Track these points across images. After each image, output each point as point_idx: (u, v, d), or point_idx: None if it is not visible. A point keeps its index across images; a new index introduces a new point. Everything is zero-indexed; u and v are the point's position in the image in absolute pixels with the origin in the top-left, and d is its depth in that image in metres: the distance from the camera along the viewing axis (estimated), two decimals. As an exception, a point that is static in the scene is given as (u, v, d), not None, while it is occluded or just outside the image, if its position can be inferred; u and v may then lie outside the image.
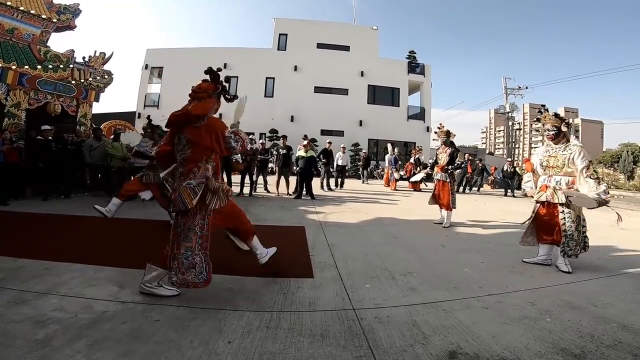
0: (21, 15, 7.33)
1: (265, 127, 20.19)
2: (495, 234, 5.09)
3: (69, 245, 3.61)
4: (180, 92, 16.67)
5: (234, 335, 1.98)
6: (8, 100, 6.44)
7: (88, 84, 7.93)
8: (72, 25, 8.26)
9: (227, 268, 3.01)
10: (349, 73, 22.04)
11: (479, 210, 7.61)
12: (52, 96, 7.16)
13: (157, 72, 22.14)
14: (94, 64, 8.31)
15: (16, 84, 6.57)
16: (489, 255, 3.90)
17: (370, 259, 3.56)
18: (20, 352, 1.69)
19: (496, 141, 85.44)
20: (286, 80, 21.63)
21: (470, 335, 2.08)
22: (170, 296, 2.44)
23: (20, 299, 2.27)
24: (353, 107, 21.48)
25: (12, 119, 6.43)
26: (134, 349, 1.78)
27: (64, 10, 8.02)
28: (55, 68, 7.32)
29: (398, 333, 2.08)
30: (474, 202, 9.40)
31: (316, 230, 4.76)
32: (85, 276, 2.74)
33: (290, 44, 22.24)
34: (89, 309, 2.19)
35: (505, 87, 27.14)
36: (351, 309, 2.40)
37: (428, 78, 23.35)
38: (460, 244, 4.40)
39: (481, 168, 12.62)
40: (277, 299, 2.51)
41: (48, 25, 7.80)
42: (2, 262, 2.90)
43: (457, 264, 3.50)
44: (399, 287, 2.83)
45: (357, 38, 22.79)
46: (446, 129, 5.77)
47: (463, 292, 2.76)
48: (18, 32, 7.29)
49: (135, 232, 4.36)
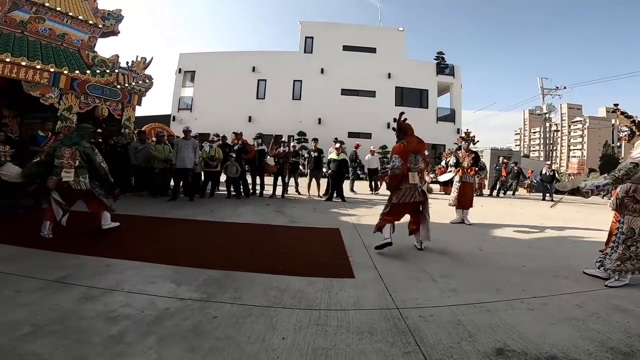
0: (70, 20, 7.64)
1: (293, 130, 20.45)
2: (536, 239, 4.97)
3: (123, 243, 3.85)
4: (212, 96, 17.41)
5: (286, 331, 2.07)
6: (61, 104, 6.83)
7: (131, 88, 8.35)
8: (116, 30, 8.60)
9: (272, 269, 3.14)
10: (375, 75, 21.97)
11: (516, 215, 7.40)
12: (99, 100, 7.55)
13: (190, 76, 22.97)
14: (136, 68, 8.73)
15: (68, 88, 6.91)
16: (531, 259, 3.83)
17: (408, 260, 3.61)
18: (98, 349, 1.76)
19: (531, 143, 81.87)
20: (313, 83, 21.85)
21: (517, 334, 2.10)
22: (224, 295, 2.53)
23: (89, 295, 2.40)
24: (380, 109, 21.32)
25: (65, 122, 6.82)
26: (198, 345, 1.87)
27: (108, 15, 8.34)
28: (103, 73, 7.73)
29: (443, 331, 2.13)
30: (510, 206, 9.12)
31: (351, 232, 4.81)
32: (144, 273, 2.91)
33: (317, 47, 22.47)
34: (152, 306, 2.30)
35: (542, 87, 26.02)
36: (395, 308, 2.46)
37: (458, 79, 22.85)
38: (499, 247, 4.35)
39: (517, 171, 12.16)
40: (323, 297, 2.60)
41: (94, 31, 8.14)
42: (65, 259, 3.12)
43: (496, 267, 3.48)
44: (439, 288, 2.86)
45: (383, 40, 22.69)
46: (472, 135, 6.27)
47: (505, 294, 2.76)
48: (68, 37, 7.62)
49: (181, 231, 4.55)
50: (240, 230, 4.82)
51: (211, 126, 16.95)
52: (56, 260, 3.06)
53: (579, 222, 6.76)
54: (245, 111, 21.36)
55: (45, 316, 2.05)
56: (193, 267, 3.05)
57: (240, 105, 21.31)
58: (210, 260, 3.27)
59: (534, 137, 79.05)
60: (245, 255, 3.54)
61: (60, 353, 1.69)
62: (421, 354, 1.88)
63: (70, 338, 1.83)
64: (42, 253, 3.26)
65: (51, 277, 2.65)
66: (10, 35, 6.47)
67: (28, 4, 6.80)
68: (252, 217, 5.68)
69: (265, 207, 6.71)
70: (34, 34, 6.92)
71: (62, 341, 1.79)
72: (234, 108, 21.07)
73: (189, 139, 7.16)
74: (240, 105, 21.33)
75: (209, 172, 7.72)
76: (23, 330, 1.87)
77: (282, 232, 4.81)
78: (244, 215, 5.74)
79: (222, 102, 21.18)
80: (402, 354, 1.88)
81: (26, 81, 6.27)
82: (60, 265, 2.93)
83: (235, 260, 3.37)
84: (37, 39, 6.93)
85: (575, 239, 5.09)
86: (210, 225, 4.70)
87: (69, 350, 1.72)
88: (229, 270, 3.03)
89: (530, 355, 1.87)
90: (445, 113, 22.71)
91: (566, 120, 73.32)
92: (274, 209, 6.61)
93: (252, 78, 22.11)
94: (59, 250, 3.35)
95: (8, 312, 2.07)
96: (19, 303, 2.20)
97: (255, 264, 3.23)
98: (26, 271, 2.75)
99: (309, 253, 3.80)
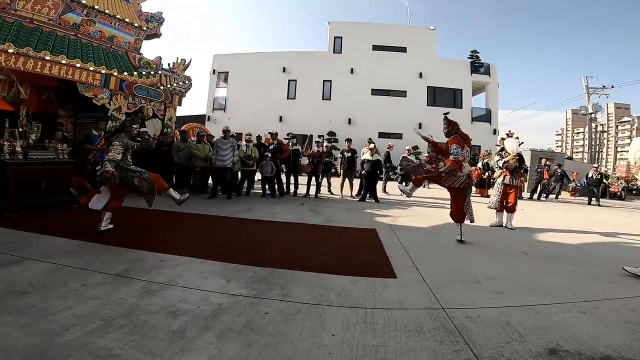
0: (118, 23, 7.98)
1: (323, 130, 20.52)
2: (584, 244, 4.78)
3: (173, 238, 4.07)
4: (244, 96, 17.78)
5: (335, 329, 2.12)
6: (111, 105, 7.24)
7: (173, 89, 8.73)
8: (158, 33, 8.89)
9: (314, 267, 3.22)
10: (406, 75, 21.58)
11: (560, 219, 7.09)
12: (145, 101, 7.96)
13: (224, 77, 23.64)
14: (177, 70, 9.11)
15: (117, 89, 7.30)
16: (580, 264, 3.73)
17: (450, 262, 3.58)
18: (164, 344, 1.83)
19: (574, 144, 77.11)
20: (343, 83, 21.82)
21: (570, 335, 2.09)
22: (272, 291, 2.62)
23: (150, 290, 2.52)
24: (412, 109, 20.95)
25: (115, 121, 7.21)
26: (253, 340, 1.93)
27: (151, 18, 8.66)
28: (148, 74, 8.12)
29: (492, 331, 2.13)
30: (553, 210, 8.71)
31: (388, 233, 4.81)
32: (196, 269, 3.05)
33: (346, 47, 22.39)
34: (207, 301, 2.40)
35: (587, 87, 24.49)
36: (440, 308, 2.47)
37: (494, 78, 21.98)
38: (544, 251, 4.23)
39: (560, 174, 11.53)
40: (367, 296, 2.64)
41: (140, 33, 8.48)
42: (123, 254, 3.32)
43: (543, 271, 3.41)
44: (484, 290, 2.84)
45: (413, 39, 22.24)
46: (515, 136, 6.07)
47: (555, 297, 2.72)
48: (117, 39, 7.99)
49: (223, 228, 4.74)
50: (279, 228, 4.95)
51: (244, 126, 17.39)
52: (115, 255, 3.27)
53: (630, 227, 6.46)
54: (277, 111, 21.69)
55: (112, 310, 2.17)
56: (239, 264, 3.17)
57: (271, 105, 21.67)
58: (254, 257, 3.39)
59: (578, 138, 74.35)
60: (287, 253, 3.63)
61: (130, 348, 1.77)
62: (471, 352, 1.90)
63: (137, 333, 1.92)
64: (101, 247, 3.47)
65: (113, 271, 2.83)
66: (65, 37, 6.86)
67: (80, 6, 7.18)
68: (289, 215, 5.80)
69: (300, 206, 6.82)
70: (86, 37, 7.31)
71: (131, 336, 1.88)
72: (266, 108, 21.46)
73: (228, 138, 7.40)
74: (272, 105, 21.69)
75: (245, 171, 7.94)
76: (94, 324, 1.98)
77: (320, 231, 4.89)
78: (280, 214, 5.87)
79: (254, 102, 21.60)
80: (451, 352, 1.90)
81: (80, 82, 6.66)
82: (120, 260, 3.13)
83: (278, 257, 3.46)
84: (89, 41, 7.33)
85: (626, 244, 4.87)
86: (250, 222, 4.85)
87: (137, 345, 1.80)
88: (273, 267, 3.13)
89: (585, 356, 1.87)
90: (481, 113, 21.90)
91: (613, 121, 68.47)
92: (309, 208, 6.70)
93: (282, 78, 22.41)
94: (115, 244, 3.56)
95: (78, 305, 2.20)
96: (87, 296, 2.34)
97: (297, 262, 3.31)
98: (89, 265, 2.93)
99: (348, 252, 3.85)
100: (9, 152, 4.93)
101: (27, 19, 6.43)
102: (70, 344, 1.77)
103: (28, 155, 5.15)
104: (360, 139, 13.40)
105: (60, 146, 5.77)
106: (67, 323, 1.97)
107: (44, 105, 7.67)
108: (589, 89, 24.57)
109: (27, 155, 5.14)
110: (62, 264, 2.90)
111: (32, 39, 6.21)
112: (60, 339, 1.81)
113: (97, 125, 6.54)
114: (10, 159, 4.90)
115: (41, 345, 1.74)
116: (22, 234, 3.78)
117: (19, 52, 5.83)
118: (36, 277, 2.59)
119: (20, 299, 2.23)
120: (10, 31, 6.00)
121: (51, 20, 6.80)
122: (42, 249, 3.31)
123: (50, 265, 2.87)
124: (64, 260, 3.00)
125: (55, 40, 6.63)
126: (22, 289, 2.37)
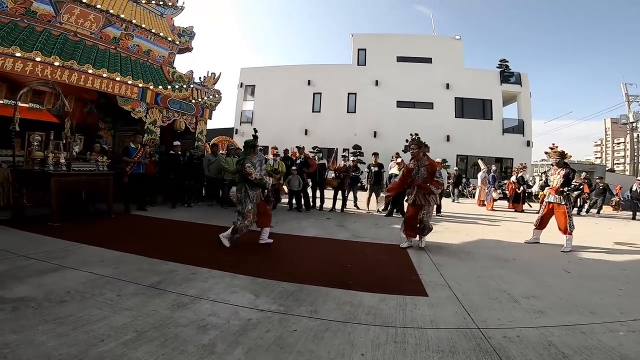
0: (153, 37, 8.29)
1: (348, 143, 20.48)
2: (631, 261, 4.47)
3: (202, 251, 4.09)
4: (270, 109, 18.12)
5: (365, 348, 2.05)
6: (147, 118, 7.54)
7: (203, 103, 9.03)
8: (190, 47, 9.18)
9: (343, 283, 3.16)
10: (432, 86, 21.24)
11: (604, 235, 6.63)
12: (178, 114, 8.24)
13: (250, 90, 24.28)
14: (208, 83, 9.42)
15: (153, 102, 7.59)
16: (626, 282, 3.49)
17: (484, 280, 3.41)
18: (194, 359, 1.83)
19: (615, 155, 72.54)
20: (367, 95, 21.76)
21: (618, 355, 1.99)
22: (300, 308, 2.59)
23: (181, 303, 2.54)
24: (439, 121, 20.50)
25: (150, 134, 7.54)
26: (282, 357, 1.90)
27: (183, 32, 8.96)
28: (180, 88, 8.43)
29: (533, 352, 2.02)
30: (595, 225, 8.16)
31: (417, 250, 4.68)
32: (225, 282, 3.05)
33: (370, 59, 22.37)
34: (236, 316, 2.38)
35: (627, 94, 23.12)
36: (476, 327, 2.35)
37: (526, 87, 21.17)
38: (588, 270, 3.98)
39: (602, 187, 10.84)
40: (397, 315, 2.55)
41: (173, 47, 8.79)
42: (157, 265, 3.37)
43: (588, 290, 3.22)
44: (523, 309, 2.70)
45: (439, 49, 21.92)
46: (560, 149, 5.44)
47: (602, 317, 2.57)
48: (152, 53, 8.27)
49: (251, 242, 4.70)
50: (306, 243, 4.92)
51: (270, 139, 17.70)
52: (150, 266, 3.34)
53: None
54: (302, 124, 21.92)
55: (145, 322, 2.20)
56: (267, 279, 3.16)
57: (297, 119, 21.94)
58: (282, 272, 3.37)
59: (618, 149, 69.90)
60: (315, 269, 3.59)
61: None
62: None
63: (168, 346, 1.93)
64: (135, 258, 3.56)
65: (147, 282, 2.89)
66: (105, 51, 7.18)
67: (119, 20, 7.53)
68: (316, 230, 5.76)
69: (326, 221, 6.76)
70: (125, 50, 7.64)
71: (162, 349, 1.90)
72: (291, 121, 21.75)
73: (257, 153, 7.51)
74: (297, 119, 21.95)
75: (272, 185, 8.00)
76: (127, 335, 2.01)
77: (347, 246, 4.80)
78: (308, 229, 5.85)
79: (280, 115, 21.95)
80: None
81: (120, 96, 6.99)
82: (153, 271, 3.20)
83: (306, 273, 3.43)
84: (128, 55, 7.66)
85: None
86: (277, 237, 4.83)
87: (169, 359, 1.81)
88: (301, 283, 3.09)
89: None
90: (513, 124, 21.09)
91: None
92: (335, 222, 6.63)
93: (308, 91, 22.69)
94: (149, 255, 3.64)
95: (113, 315, 2.25)
96: (121, 307, 2.39)
97: (325, 278, 3.26)
98: (125, 275, 3.01)
99: (377, 268, 3.76)
100: (54, 163, 5.21)
101: (71, 32, 6.69)
102: (104, 355, 1.81)
103: (71, 167, 5.42)
104: (386, 151, 13.23)
105: (100, 158, 6.06)
106: (102, 334, 2.02)
107: (85, 117, 8.07)
108: (629, 96, 23.16)
109: (70, 166, 5.42)
110: (99, 273, 3.01)
111: (76, 53, 6.49)
112: (95, 349, 1.85)
113: (135, 138, 6.85)
114: (54, 170, 5.17)
115: (77, 356, 1.78)
116: (61, 242, 3.96)
117: (64, 65, 6.14)
118: (74, 286, 2.69)
119: (58, 308, 2.31)
120: (56, 44, 6.26)
121: (93, 34, 7.11)
122: (80, 257, 3.45)
123: (87, 274, 2.97)
124: (101, 269, 3.11)
125: (97, 53, 6.94)
126: (60, 298, 2.47)
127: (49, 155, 5.24)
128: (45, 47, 6.04)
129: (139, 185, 6.68)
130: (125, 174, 6.49)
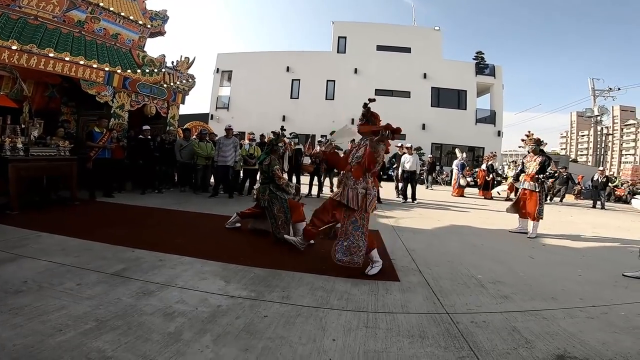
0: (122, 20, 7.96)
1: (327, 130, 20.37)
2: (590, 248, 4.72)
3: (172, 238, 3.97)
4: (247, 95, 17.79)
5: (336, 333, 2.06)
6: (114, 102, 7.24)
7: (176, 87, 8.69)
8: (162, 31, 8.84)
9: (316, 269, 3.16)
10: (410, 75, 21.44)
11: (567, 223, 6.99)
12: (148, 98, 7.92)
13: (227, 76, 23.61)
14: (181, 68, 9.06)
15: (120, 87, 7.30)
16: (586, 268, 3.69)
17: (454, 266, 3.50)
18: (158, 347, 1.78)
19: (579, 147, 76.62)
20: (347, 83, 21.70)
21: (578, 341, 2.06)
22: (272, 294, 2.56)
23: (147, 290, 2.46)
24: (415, 110, 20.80)
25: (117, 119, 7.23)
26: (251, 344, 1.87)
27: (155, 16, 8.61)
28: (151, 72, 8.07)
29: (498, 337, 2.08)
30: (558, 213, 8.60)
31: (391, 235, 4.74)
32: (195, 269, 2.97)
33: (350, 47, 22.27)
34: (205, 303, 2.34)
35: (593, 89, 24.28)
36: (445, 312, 2.41)
37: (499, 79, 21.79)
38: (551, 256, 4.15)
39: (566, 177, 11.42)
40: (370, 300, 2.58)
41: (144, 31, 8.44)
42: (122, 253, 3.23)
43: (550, 276, 3.35)
44: (490, 295, 2.78)
45: (418, 39, 22.08)
46: (536, 136, 5.54)
47: (562, 302, 2.68)
48: (121, 37, 7.96)
49: (224, 227, 4.63)
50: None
51: (247, 125, 17.34)
52: (113, 253, 3.20)
53: (636, 231, 6.38)
54: (280, 110, 21.61)
55: (107, 310, 2.11)
56: (239, 265, 3.11)
57: (275, 105, 21.60)
58: (255, 258, 3.33)
59: (582, 141, 73.94)
60: (288, 254, 3.56)
61: (123, 351, 1.72)
62: (476, 359, 1.85)
63: (131, 335, 1.87)
64: (99, 245, 3.40)
65: (110, 270, 2.77)
66: (69, 34, 6.85)
67: (84, 3, 7.17)
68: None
69: (302, 207, 6.71)
70: (90, 34, 7.29)
71: (125, 338, 1.83)
72: (269, 107, 21.40)
73: (230, 137, 7.34)
74: (275, 105, 21.62)
75: (247, 170, 7.88)
76: (87, 325, 1.93)
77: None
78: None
79: (258, 101, 21.55)
80: (456, 358, 1.86)
81: (84, 79, 6.66)
82: (117, 258, 3.07)
83: (278, 258, 3.41)
84: (93, 38, 7.31)
85: (633, 249, 4.76)
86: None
87: (131, 348, 1.75)
88: (274, 269, 3.07)
89: (593, 362, 1.81)
90: (485, 114, 21.73)
91: (618, 123, 67.93)
92: (310, 208, 6.57)
93: (286, 78, 22.33)
94: (114, 242, 3.50)
95: (72, 305, 2.15)
96: (81, 296, 2.28)
97: (299, 264, 3.25)
98: (87, 263, 2.87)
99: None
100: (10, 148, 4.89)
101: (31, 16, 6.41)
102: (62, 345, 1.72)
103: (29, 152, 5.11)
104: (363, 139, 13.26)
105: (62, 143, 5.72)
106: (60, 323, 1.92)
107: (47, 102, 7.65)
108: (595, 91, 24.35)
109: (29, 151, 5.09)
110: (59, 262, 2.85)
111: (36, 36, 6.20)
112: (52, 340, 1.76)
113: (100, 122, 6.49)
114: (12, 155, 4.85)
115: (32, 346, 1.69)
116: (20, 231, 3.73)
117: (23, 48, 5.83)
118: (32, 276, 2.54)
119: (14, 298, 2.18)
120: (15, 28, 5.99)
121: (56, 17, 6.80)
122: (40, 246, 3.26)
123: (47, 263, 2.82)
124: (61, 258, 2.95)
125: (59, 37, 6.63)
126: (16, 288, 2.33)
127: (5, 140, 4.90)
128: (3, 32, 5.80)
129: (104, 171, 6.37)
130: (90, 159, 6.16)
